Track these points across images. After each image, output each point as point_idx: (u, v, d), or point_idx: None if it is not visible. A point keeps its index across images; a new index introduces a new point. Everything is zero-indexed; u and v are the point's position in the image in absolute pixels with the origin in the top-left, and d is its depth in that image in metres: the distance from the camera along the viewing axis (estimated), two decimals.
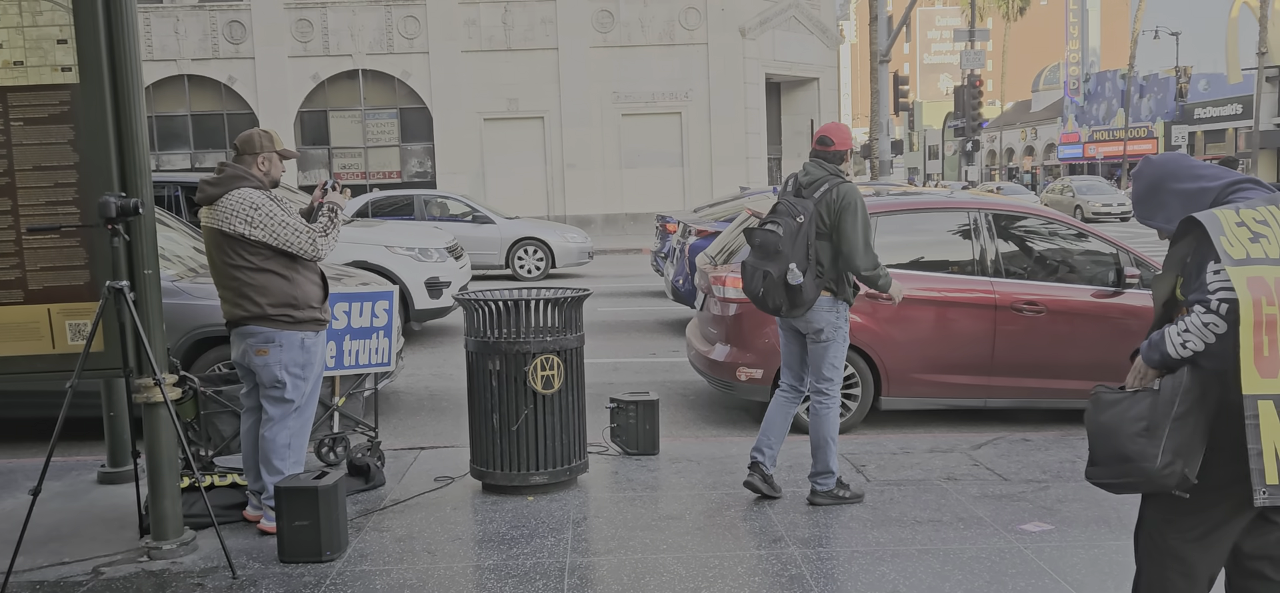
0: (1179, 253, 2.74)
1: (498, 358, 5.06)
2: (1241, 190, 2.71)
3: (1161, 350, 2.66)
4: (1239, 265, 2.50)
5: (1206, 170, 2.79)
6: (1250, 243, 2.54)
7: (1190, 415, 2.62)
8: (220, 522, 4.43)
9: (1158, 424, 2.62)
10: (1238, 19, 47.55)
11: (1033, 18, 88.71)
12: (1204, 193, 2.74)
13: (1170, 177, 2.82)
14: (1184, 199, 2.77)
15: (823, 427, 4.96)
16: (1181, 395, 2.62)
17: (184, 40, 27.53)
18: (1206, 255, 2.63)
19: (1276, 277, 2.50)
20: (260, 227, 4.36)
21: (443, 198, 18.20)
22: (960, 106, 28.91)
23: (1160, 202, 2.83)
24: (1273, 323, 2.48)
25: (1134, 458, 2.65)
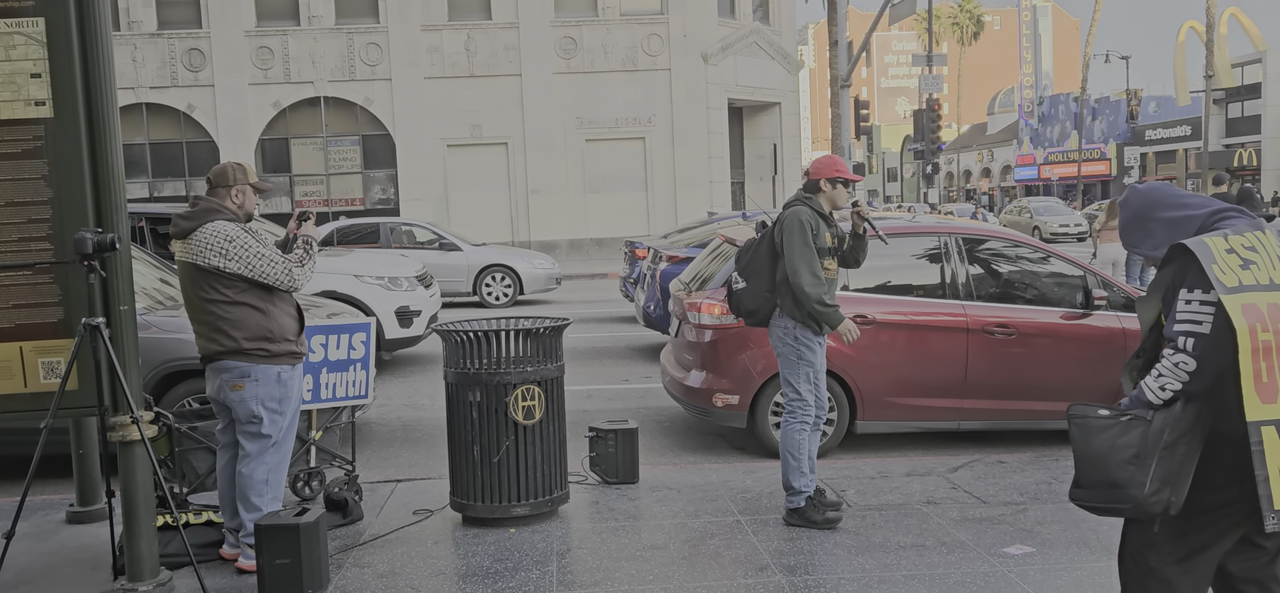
0: (1165, 278, 2.78)
1: (478, 389, 5.03)
2: (1226, 218, 2.75)
3: (1144, 403, 2.72)
4: (1232, 293, 2.53)
5: (1191, 200, 2.84)
6: (1241, 269, 2.57)
7: (1180, 444, 2.66)
8: (197, 561, 4.34)
9: (1147, 453, 2.66)
10: (1185, 44, 48.80)
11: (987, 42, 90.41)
12: (1189, 221, 2.79)
13: (1156, 205, 2.87)
14: (1169, 227, 2.82)
15: (781, 441, 5.16)
16: (1172, 425, 2.66)
17: (142, 68, 27.18)
18: (1182, 282, 2.68)
19: (1270, 302, 2.54)
20: (236, 259, 4.31)
21: (409, 225, 18.09)
22: (919, 130, 29.33)
23: (1146, 230, 2.88)
24: (1269, 348, 2.51)
25: (1122, 485, 2.68)
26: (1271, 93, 47.30)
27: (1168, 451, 2.65)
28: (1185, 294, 2.66)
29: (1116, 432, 2.72)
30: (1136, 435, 2.68)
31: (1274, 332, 2.53)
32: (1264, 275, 2.58)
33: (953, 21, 79.76)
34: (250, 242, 4.37)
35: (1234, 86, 48.53)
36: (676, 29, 28.32)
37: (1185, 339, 2.63)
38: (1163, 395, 2.67)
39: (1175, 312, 2.69)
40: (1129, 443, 2.68)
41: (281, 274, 4.39)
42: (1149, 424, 2.68)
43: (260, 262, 4.35)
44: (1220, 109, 49.52)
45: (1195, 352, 2.61)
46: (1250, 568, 2.79)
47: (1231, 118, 50.02)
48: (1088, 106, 56.97)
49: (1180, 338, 2.64)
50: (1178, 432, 2.66)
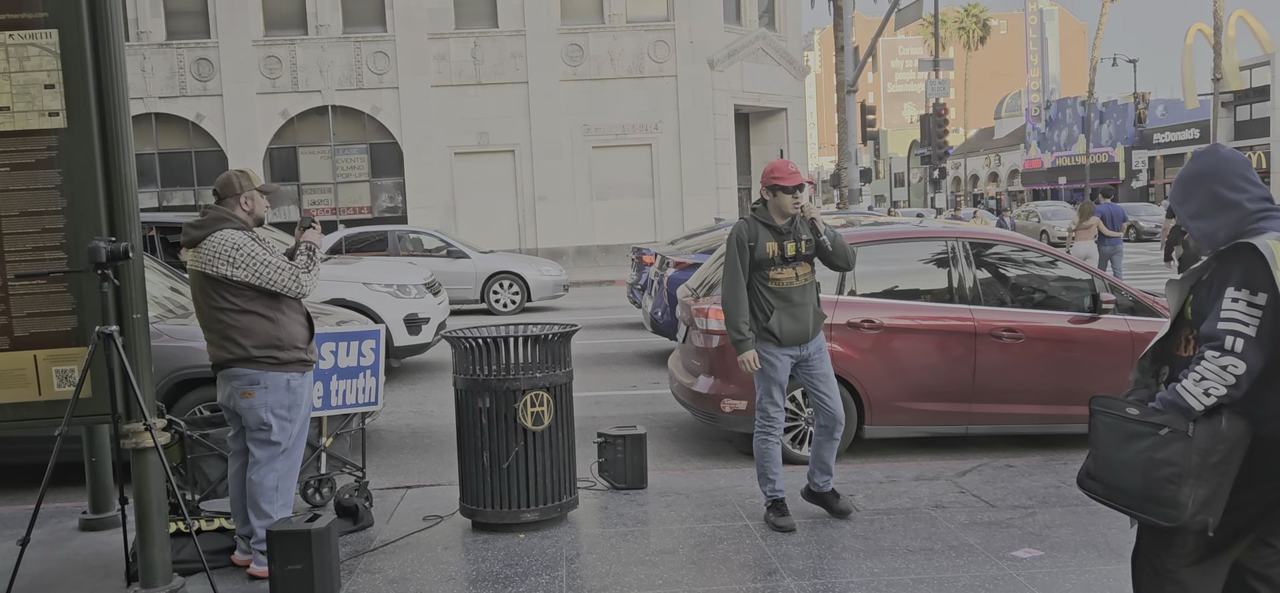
0: (1209, 268, 2.70)
1: (487, 395, 5.06)
2: (1270, 216, 2.67)
3: (1183, 408, 2.56)
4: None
5: (1247, 186, 2.72)
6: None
7: (1224, 464, 2.56)
8: (210, 567, 4.37)
9: (1190, 473, 2.54)
10: (1193, 46, 48.70)
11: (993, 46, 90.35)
12: (1237, 207, 2.70)
13: (1214, 176, 2.75)
14: (1215, 203, 2.72)
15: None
16: (1217, 443, 2.55)
17: (151, 78, 27.34)
18: (1229, 278, 2.59)
19: None
20: (242, 266, 4.35)
21: (417, 233, 18.15)
22: (926, 135, 29.31)
23: (1192, 193, 2.77)
24: None
25: (1159, 503, 2.59)
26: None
27: (1212, 471, 2.55)
28: (1233, 292, 2.56)
29: (1152, 444, 2.58)
30: (1176, 451, 2.55)
31: None
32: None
33: (959, 26, 79.74)
34: (257, 250, 4.40)
35: (1242, 89, 48.40)
36: (683, 35, 28.39)
37: (1233, 340, 2.52)
38: (1207, 401, 2.54)
39: (1219, 309, 2.57)
40: (1168, 459, 2.56)
41: (289, 281, 4.43)
42: (1190, 440, 2.54)
43: (267, 269, 4.39)
44: (1228, 112, 49.38)
45: (1245, 354, 2.51)
46: (1261, 565, 2.78)
47: (1240, 120, 49.87)
48: (1095, 110, 56.87)
49: (1227, 338, 2.53)
50: (1223, 451, 2.55)
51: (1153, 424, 2.60)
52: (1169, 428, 2.56)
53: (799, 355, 5.14)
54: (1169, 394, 2.62)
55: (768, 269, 5.05)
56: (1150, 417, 2.61)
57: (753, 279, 5.08)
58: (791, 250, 5.08)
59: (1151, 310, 6.95)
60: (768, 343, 5.07)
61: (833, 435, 5.23)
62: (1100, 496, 2.76)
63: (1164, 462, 2.56)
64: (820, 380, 5.20)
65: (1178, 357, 2.78)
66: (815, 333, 5.16)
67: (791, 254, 5.08)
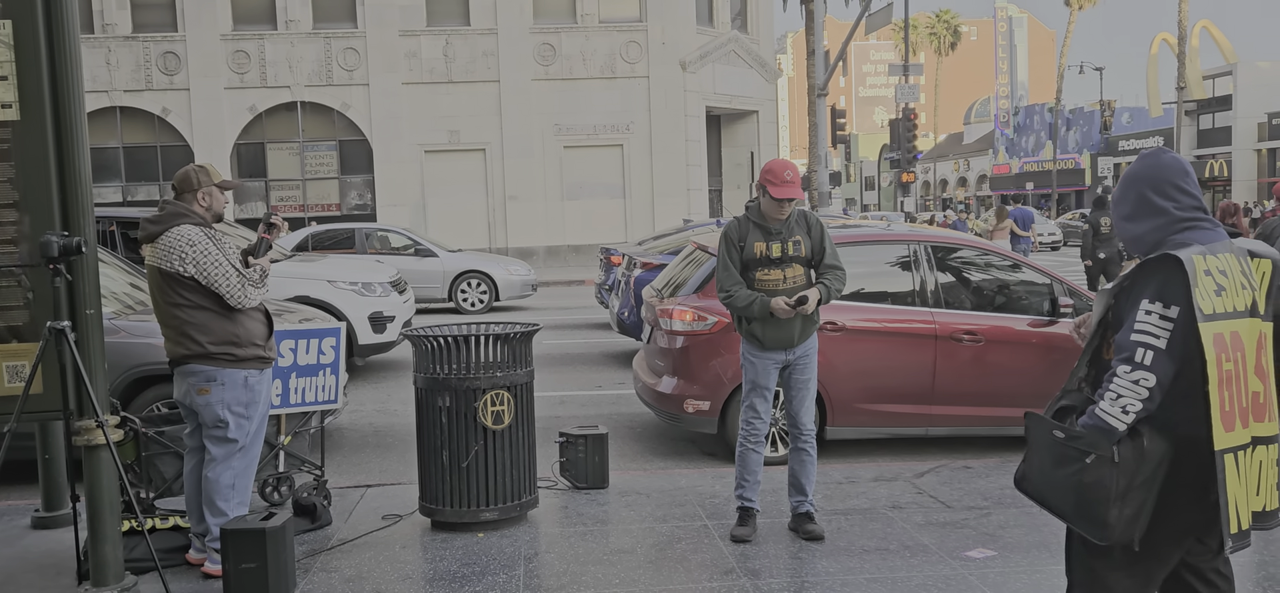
0: (1125, 274, 2.72)
1: (447, 394, 5.05)
2: (1197, 227, 2.69)
3: (1105, 430, 2.57)
4: (1208, 321, 2.50)
5: (1181, 195, 2.72)
6: (1216, 296, 2.54)
7: (1149, 482, 2.60)
8: (163, 566, 4.34)
9: (1115, 495, 2.57)
10: (1158, 56, 49.42)
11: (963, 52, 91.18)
12: (1163, 214, 2.71)
13: (1149, 181, 2.76)
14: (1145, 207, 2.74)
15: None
16: (1140, 465, 2.58)
17: (116, 71, 26.98)
18: (1146, 290, 2.60)
19: (1232, 330, 2.54)
20: (192, 263, 4.31)
21: (384, 231, 18.05)
22: (896, 139, 29.52)
23: (1127, 195, 2.80)
24: (1230, 378, 2.52)
25: (1092, 523, 2.62)
26: (1242, 105, 48.02)
27: (1138, 490, 2.59)
28: (1146, 303, 2.57)
29: (1079, 469, 2.60)
30: (1103, 476, 2.56)
31: (1234, 362, 2.54)
32: (1230, 303, 2.56)
33: (930, 31, 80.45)
34: (210, 249, 4.35)
35: (1205, 98, 49.23)
36: (655, 37, 28.43)
37: (1143, 352, 2.54)
38: (1126, 419, 2.55)
39: (1133, 320, 2.59)
40: (1096, 483, 2.58)
41: (234, 288, 4.37)
42: (1115, 465, 2.56)
43: (215, 270, 4.33)
44: (1192, 120, 50.20)
45: (1155, 367, 2.53)
46: (1195, 560, 2.81)
47: (1203, 129, 50.71)
48: (1062, 117, 57.58)
49: (1137, 351, 2.55)
50: (1147, 471, 2.59)
51: (1079, 450, 2.61)
52: (1094, 455, 2.58)
53: (786, 360, 4.98)
54: (1090, 419, 2.63)
55: (755, 270, 4.91)
56: (1076, 441, 2.62)
57: (742, 279, 4.94)
58: (778, 251, 4.92)
59: None
60: (752, 345, 4.97)
61: (800, 446, 5.07)
62: (1036, 500, 2.80)
63: (1092, 486, 2.59)
64: (796, 387, 5.03)
65: (1105, 360, 2.80)
66: (802, 339, 4.96)
67: (778, 255, 4.91)
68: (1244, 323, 2.59)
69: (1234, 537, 2.55)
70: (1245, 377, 2.58)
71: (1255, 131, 47.98)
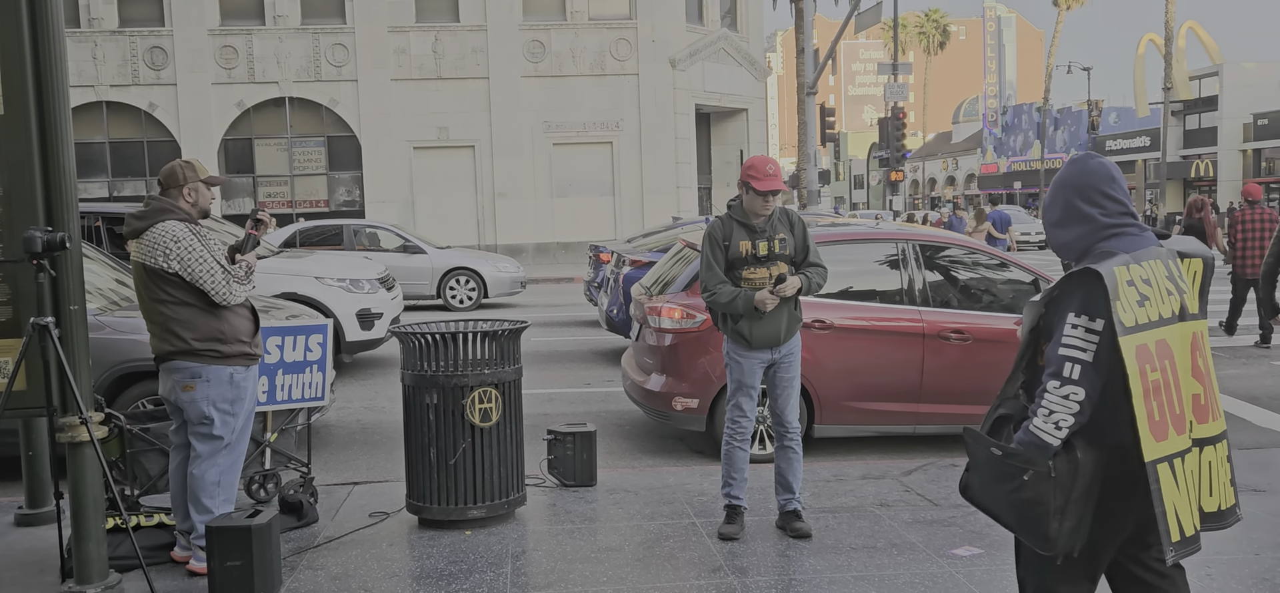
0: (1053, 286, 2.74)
1: (435, 391, 5.03)
2: (1124, 233, 2.70)
3: (1040, 446, 2.60)
4: (1129, 333, 2.52)
5: (1108, 202, 2.73)
6: (1138, 307, 2.55)
7: (1086, 494, 2.64)
8: (148, 563, 4.31)
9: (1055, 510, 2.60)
10: (1145, 56, 49.65)
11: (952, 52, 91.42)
12: (1090, 221, 2.72)
13: (1077, 188, 2.76)
14: (1073, 214, 2.75)
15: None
16: (1078, 479, 2.62)
17: (102, 66, 26.81)
18: (1071, 303, 2.61)
19: (1157, 339, 2.55)
20: (176, 259, 4.28)
21: (373, 227, 17.99)
22: (885, 138, 29.60)
23: (1056, 201, 2.81)
24: (1158, 388, 2.53)
25: (1035, 537, 2.66)
26: (1227, 105, 48.29)
27: (1076, 503, 2.63)
28: (1073, 317, 2.59)
29: (1017, 486, 2.63)
30: (1041, 492, 2.60)
31: (1161, 370, 2.55)
32: (1155, 312, 2.57)
33: (919, 31, 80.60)
34: (195, 245, 4.33)
35: (1191, 99, 49.48)
36: (645, 34, 28.40)
37: (1071, 366, 2.56)
38: (1060, 434, 2.58)
39: (1060, 334, 2.60)
40: (1034, 500, 2.61)
41: (219, 284, 4.34)
42: (1052, 480, 2.59)
43: (199, 266, 4.30)
44: (1178, 121, 50.46)
45: (1083, 380, 2.55)
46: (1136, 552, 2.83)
47: (1189, 129, 50.97)
48: (1050, 117, 57.80)
49: (1065, 365, 2.57)
50: (1084, 483, 2.62)
51: (1016, 467, 2.64)
52: (1031, 472, 2.60)
53: (771, 359, 4.97)
54: (1025, 434, 2.64)
55: (740, 268, 4.88)
56: (1013, 458, 2.65)
57: (727, 278, 4.92)
58: (764, 250, 4.90)
59: None
60: (738, 344, 4.95)
61: (785, 444, 5.07)
62: (980, 509, 2.82)
63: (1031, 501, 2.61)
64: (781, 385, 5.03)
65: (1038, 366, 2.80)
66: (788, 336, 4.97)
67: (764, 253, 4.89)
68: (1172, 329, 2.60)
69: (1176, 546, 2.57)
70: (1177, 383, 2.59)
71: (1241, 132, 48.26)
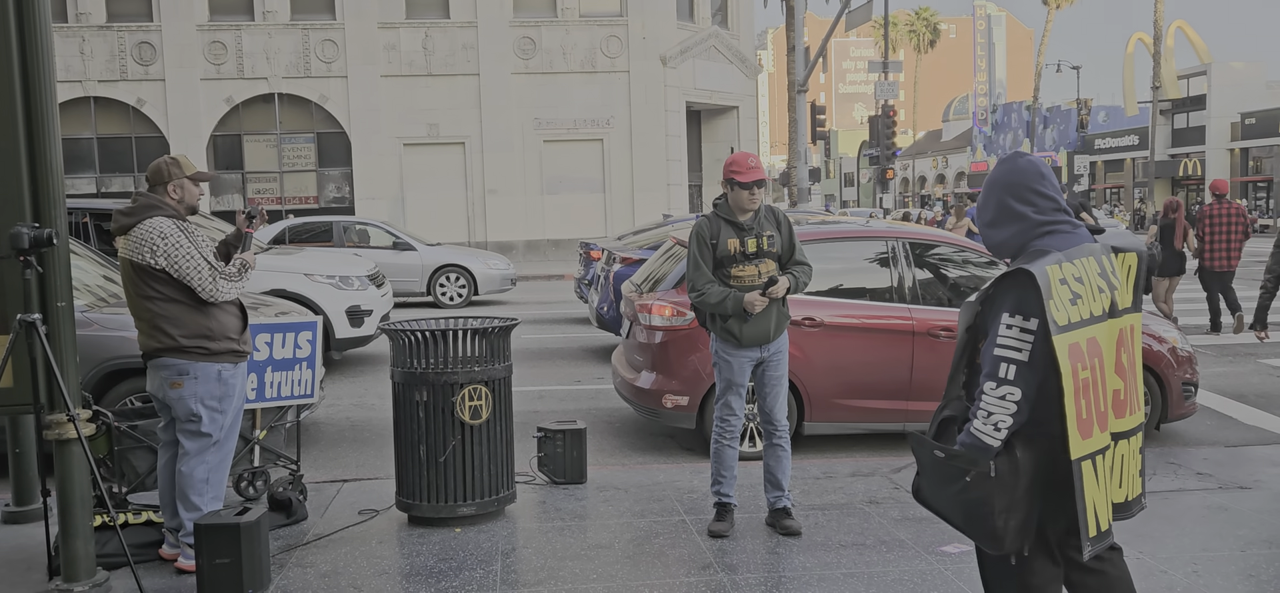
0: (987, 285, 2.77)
1: (424, 388, 5.02)
2: (1056, 231, 2.72)
3: (981, 448, 2.63)
4: (1062, 332, 2.54)
5: (1039, 199, 2.75)
6: (1071, 305, 2.58)
7: (1030, 492, 2.68)
8: (136, 561, 4.30)
9: (1000, 509, 2.65)
10: (1133, 55, 49.86)
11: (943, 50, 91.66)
12: (1023, 219, 2.75)
13: (1007, 187, 2.79)
14: (1005, 213, 2.78)
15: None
16: (1019, 477, 2.65)
17: (90, 61, 26.66)
18: (1005, 303, 2.64)
19: (1088, 337, 2.59)
20: (163, 255, 4.26)
21: (363, 224, 17.94)
22: (875, 136, 29.63)
23: (988, 201, 2.83)
24: (1087, 386, 2.58)
25: (984, 536, 2.71)
26: (1215, 105, 48.53)
27: (1021, 501, 2.67)
28: (1007, 318, 2.61)
29: (963, 488, 2.66)
30: (986, 492, 2.64)
31: (1090, 369, 2.59)
32: (1086, 309, 2.60)
33: (909, 29, 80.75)
34: (182, 241, 4.30)
35: (1180, 98, 49.71)
36: (635, 31, 28.38)
37: (1007, 366, 2.59)
38: (999, 435, 2.61)
39: (995, 335, 2.63)
40: (980, 500, 2.65)
41: (206, 281, 4.31)
42: (995, 480, 2.62)
43: (186, 263, 4.28)
44: (1166, 120, 50.67)
45: (1019, 380, 2.58)
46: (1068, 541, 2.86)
47: (1177, 128, 51.21)
48: (1040, 115, 57.99)
49: (1001, 365, 2.60)
50: (1026, 481, 2.66)
51: (959, 468, 2.67)
52: (974, 473, 2.64)
53: (759, 357, 4.97)
54: (966, 437, 2.68)
55: (729, 267, 4.87)
56: (955, 460, 2.68)
57: (715, 277, 4.91)
58: (753, 247, 4.88)
59: None
60: (727, 343, 4.93)
61: (774, 442, 5.07)
62: (932, 511, 2.86)
63: (976, 502, 2.65)
64: (770, 383, 5.02)
65: (976, 365, 2.83)
66: (777, 333, 4.96)
67: (753, 251, 4.88)
68: (1101, 327, 2.64)
69: (1092, 540, 2.63)
70: (1103, 380, 2.63)
71: (1229, 131, 48.50)
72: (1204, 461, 6.42)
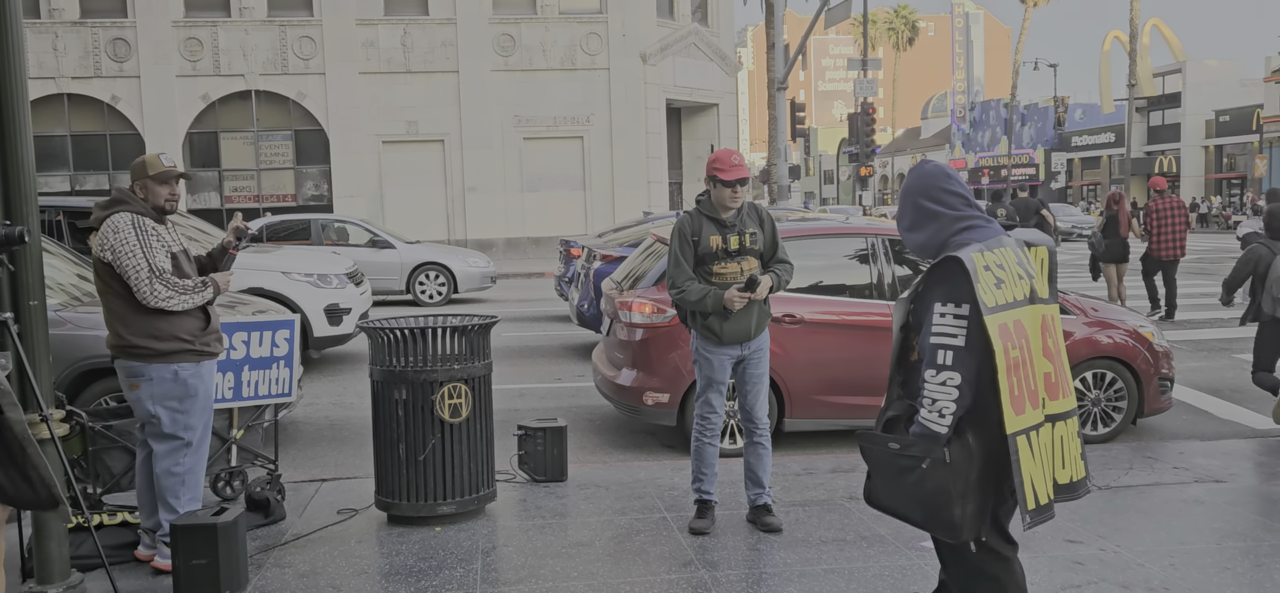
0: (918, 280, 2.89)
1: (404, 387, 4.99)
2: (973, 227, 2.84)
3: (931, 437, 2.72)
4: (992, 313, 2.65)
5: (950, 198, 2.89)
6: (996, 289, 2.69)
7: (982, 478, 2.77)
8: (111, 562, 4.25)
9: (957, 496, 2.73)
10: (1110, 53, 50.26)
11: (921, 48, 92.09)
12: (938, 217, 2.88)
13: (921, 191, 2.92)
14: (922, 215, 2.90)
15: None
16: (972, 463, 2.74)
17: (63, 57, 26.37)
18: (936, 293, 2.74)
19: (1015, 319, 2.70)
20: (110, 250, 4.20)
21: (341, 222, 17.83)
22: (855, 133, 29.73)
23: (905, 207, 2.96)
24: (1017, 364, 2.68)
25: (942, 526, 2.78)
26: (1190, 102, 49.00)
27: (975, 487, 2.75)
28: (939, 307, 2.71)
29: (919, 477, 2.74)
30: (941, 479, 2.72)
31: (1020, 348, 2.70)
32: (1009, 294, 2.71)
33: (888, 26, 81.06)
34: (130, 238, 4.21)
35: (1155, 96, 50.15)
36: (615, 28, 28.35)
37: (944, 353, 2.68)
38: (946, 421, 2.70)
39: (929, 325, 2.73)
40: (936, 488, 2.73)
41: (142, 284, 4.20)
42: (949, 467, 2.71)
43: (128, 261, 4.19)
44: (1142, 117, 51.12)
45: (957, 365, 2.67)
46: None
47: (1153, 125, 51.68)
48: (1017, 113, 58.35)
49: (938, 353, 2.69)
50: (979, 467, 2.75)
51: (914, 457, 2.75)
52: (928, 461, 2.72)
53: (740, 355, 4.95)
54: (916, 428, 2.76)
55: (711, 263, 4.84)
56: (910, 450, 2.76)
57: (697, 274, 4.88)
58: (735, 244, 4.85)
59: (1062, 308, 7.14)
60: (707, 341, 4.91)
61: (754, 439, 5.05)
62: (887, 512, 2.92)
63: (934, 491, 2.73)
64: (751, 381, 5.01)
65: (910, 363, 2.94)
66: (758, 331, 4.95)
67: (735, 248, 4.85)
68: (1025, 311, 2.75)
69: (1032, 513, 2.71)
70: (1032, 360, 2.74)
71: (1203, 129, 49.00)
72: (1180, 454, 6.47)
